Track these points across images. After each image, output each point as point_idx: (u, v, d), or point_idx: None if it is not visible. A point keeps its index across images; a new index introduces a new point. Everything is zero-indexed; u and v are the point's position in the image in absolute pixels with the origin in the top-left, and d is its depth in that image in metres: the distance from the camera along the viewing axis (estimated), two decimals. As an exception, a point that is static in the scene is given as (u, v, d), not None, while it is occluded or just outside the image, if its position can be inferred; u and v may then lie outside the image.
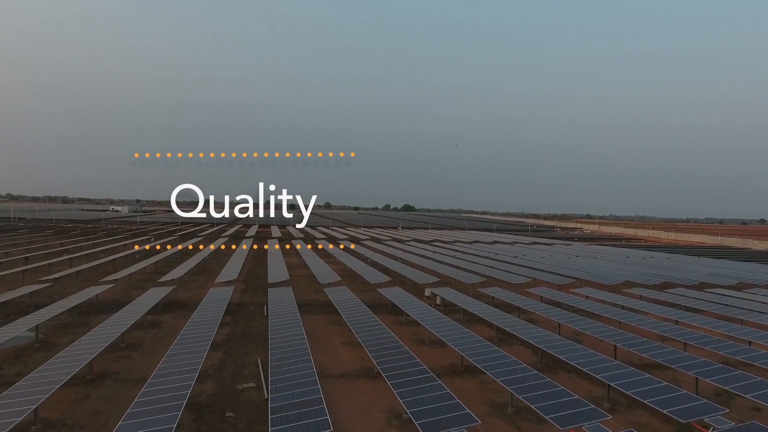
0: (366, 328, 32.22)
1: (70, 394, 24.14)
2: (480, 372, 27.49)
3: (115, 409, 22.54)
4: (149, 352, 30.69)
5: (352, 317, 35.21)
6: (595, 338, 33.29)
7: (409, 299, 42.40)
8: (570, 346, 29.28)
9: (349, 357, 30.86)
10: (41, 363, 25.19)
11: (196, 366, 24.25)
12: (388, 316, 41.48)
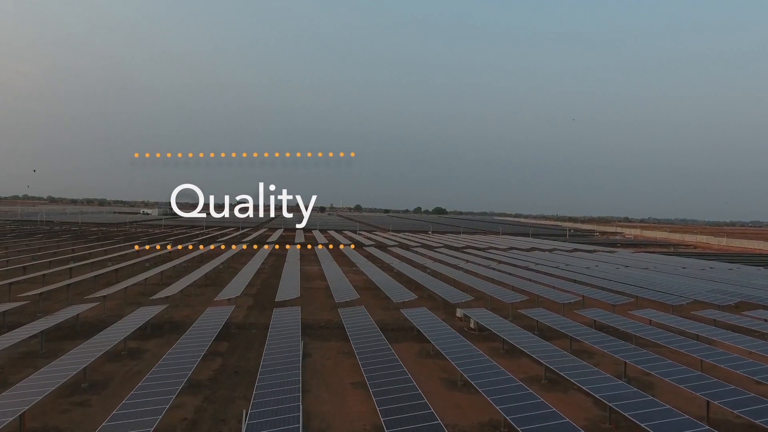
0: (379, 367, 25.78)
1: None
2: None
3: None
4: (114, 395, 24.88)
5: (365, 351, 28.78)
6: (674, 386, 25.99)
7: (436, 323, 35.74)
8: (642, 397, 22.32)
9: (360, 407, 24.42)
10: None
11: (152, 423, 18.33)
12: (413, 344, 34.95)
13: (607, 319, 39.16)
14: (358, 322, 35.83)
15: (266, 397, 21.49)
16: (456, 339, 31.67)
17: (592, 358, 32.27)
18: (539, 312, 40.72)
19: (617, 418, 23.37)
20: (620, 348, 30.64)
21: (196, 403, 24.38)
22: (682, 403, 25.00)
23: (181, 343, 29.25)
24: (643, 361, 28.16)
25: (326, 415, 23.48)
